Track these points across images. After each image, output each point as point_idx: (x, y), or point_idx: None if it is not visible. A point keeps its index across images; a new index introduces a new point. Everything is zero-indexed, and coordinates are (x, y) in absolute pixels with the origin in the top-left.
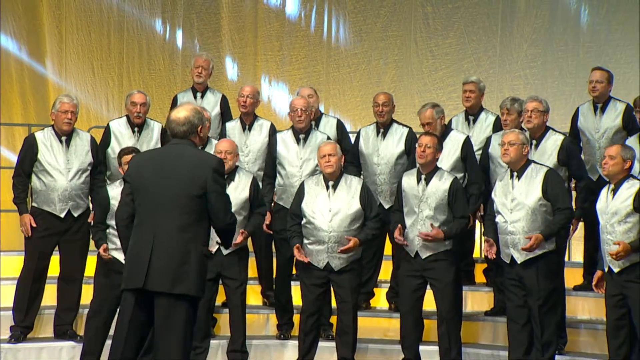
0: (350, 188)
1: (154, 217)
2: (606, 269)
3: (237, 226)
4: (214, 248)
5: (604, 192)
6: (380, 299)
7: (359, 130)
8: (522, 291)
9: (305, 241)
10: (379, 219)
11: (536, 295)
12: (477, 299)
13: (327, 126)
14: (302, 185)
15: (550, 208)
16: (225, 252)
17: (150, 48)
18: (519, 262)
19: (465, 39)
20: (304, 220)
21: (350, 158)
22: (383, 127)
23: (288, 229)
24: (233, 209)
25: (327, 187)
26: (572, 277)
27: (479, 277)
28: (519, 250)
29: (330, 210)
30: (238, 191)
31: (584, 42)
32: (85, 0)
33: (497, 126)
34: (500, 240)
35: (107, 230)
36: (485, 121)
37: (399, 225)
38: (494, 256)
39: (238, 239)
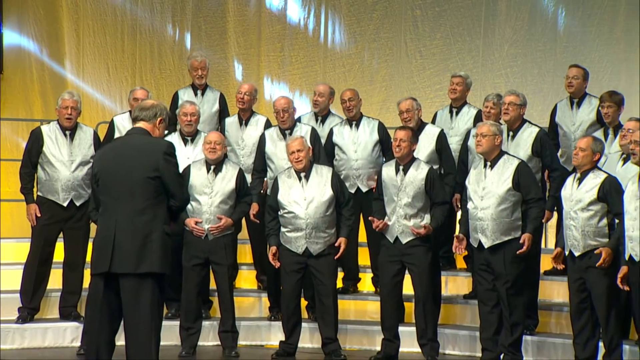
0: (322, 177)
1: (115, 204)
2: (567, 253)
3: (224, 214)
4: (202, 234)
5: (570, 181)
6: (366, 284)
7: (331, 129)
8: (490, 275)
9: (284, 229)
10: (351, 206)
11: (504, 279)
12: (457, 284)
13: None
14: (275, 180)
15: (519, 198)
16: (211, 238)
17: (161, 49)
18: (486, 247)
19: (451, 40)
20: (282, 211)
21: (328, 156)
22: (355, 121)
23: (267, 224)
24: (220, 199)
25: (300, 179)
26: (548, 262)
27: (460, 262)
28: (487, 236)
29: (305, 199)
30: (225, 182)
31: (561, 42)
32: (101, 5)
33: (478, 119)
34: (470, 225)
35: None
36: (467, 114)
37: (371, 218)
38: (462, 251)
39: (221, 223)
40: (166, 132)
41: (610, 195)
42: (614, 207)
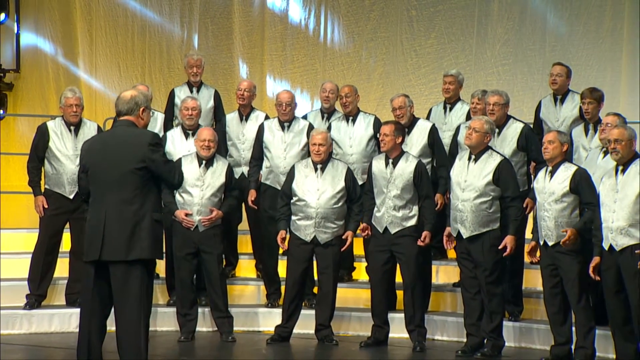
0: (337, 171)
1: (104, 194)
2: (542, 242)
3: (213, 207)
4: (192, 225)
5: (542, 174)
6: (360, 272)
7: (330, 124)
8: (471, 263)
9: (295, 217)
10: (361, 203)
11: (482, 267)
12: (448, 272)
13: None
14: (292, 168)
15: (498, 193)
16: (201, 229)
17: (169, 49)
18: (464, 237)
19: (445, 39)
20: (294, 199)
21: None
22: (351, 116)
23: (279, 209)
24: (211, 192)
25: (316, 169)
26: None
27: (451, 252)
28: (466, 227)
29: (319, 189)
30: (216, 176)
31: (550, 42)
32: (112, 7)
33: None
34: (451, 215)
35: None
36: (461, 110)
37: (364, 225)
38: (451, 246)
39: (212, 215)
40: (152, 116)
41: (581, 186)
42: (584, 197)
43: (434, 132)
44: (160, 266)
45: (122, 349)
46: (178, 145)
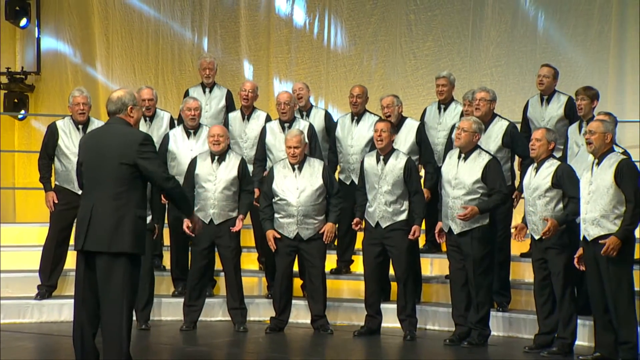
0: (314, 169)
1: (94, 188)
2: (530, 238)
3: (226, 201)
4: (207, 219)
5: (530, 170)
6: (358, 265)
7: (337, 119)
8: (460, 256)
9: (277, 216)
10: (339, 195)
11: (471, 259)
12: (442, 265)
13: (317, 116)
14: (271, 169)
15: (486, 190)
16: (217, 222)
17: (181, 52)
18: (455, 233)
19: (442, 42)
20: (275, 199)
21: (332, 145)
22: (357, 116)
23: (261, 209)
24: (223, 186)
25: (294, 169)
26: (524, 245)
27: (445, 246)
28: (457, 223)
29: (298, 188)
30: (228, 170)
31: (541, 43)
32: (128, 12)
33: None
34: (442, 211)
35: None
36: (454, 110)
37: (357, 219)
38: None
39: (237, 225)
40: (160, 116)
41: (563, 180)
42: (568, 191)
43: (421, 131)
44: (167, 258)
45: (104, 338)
46: (180, 144)
